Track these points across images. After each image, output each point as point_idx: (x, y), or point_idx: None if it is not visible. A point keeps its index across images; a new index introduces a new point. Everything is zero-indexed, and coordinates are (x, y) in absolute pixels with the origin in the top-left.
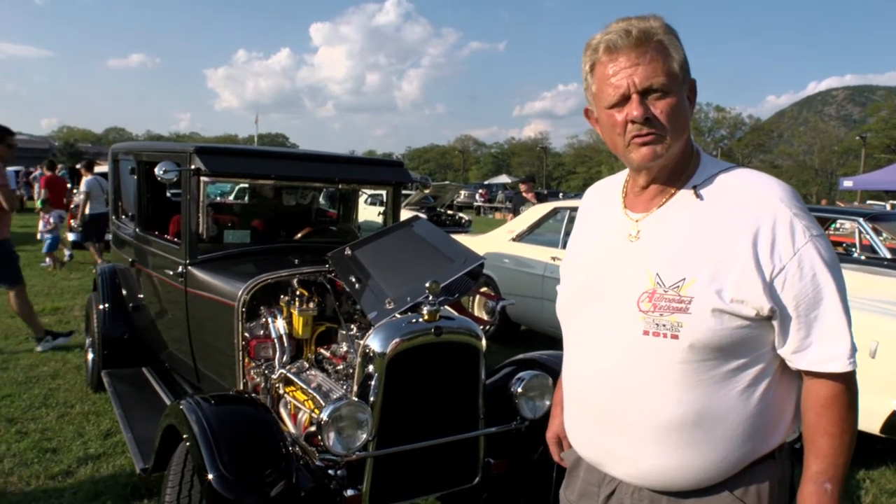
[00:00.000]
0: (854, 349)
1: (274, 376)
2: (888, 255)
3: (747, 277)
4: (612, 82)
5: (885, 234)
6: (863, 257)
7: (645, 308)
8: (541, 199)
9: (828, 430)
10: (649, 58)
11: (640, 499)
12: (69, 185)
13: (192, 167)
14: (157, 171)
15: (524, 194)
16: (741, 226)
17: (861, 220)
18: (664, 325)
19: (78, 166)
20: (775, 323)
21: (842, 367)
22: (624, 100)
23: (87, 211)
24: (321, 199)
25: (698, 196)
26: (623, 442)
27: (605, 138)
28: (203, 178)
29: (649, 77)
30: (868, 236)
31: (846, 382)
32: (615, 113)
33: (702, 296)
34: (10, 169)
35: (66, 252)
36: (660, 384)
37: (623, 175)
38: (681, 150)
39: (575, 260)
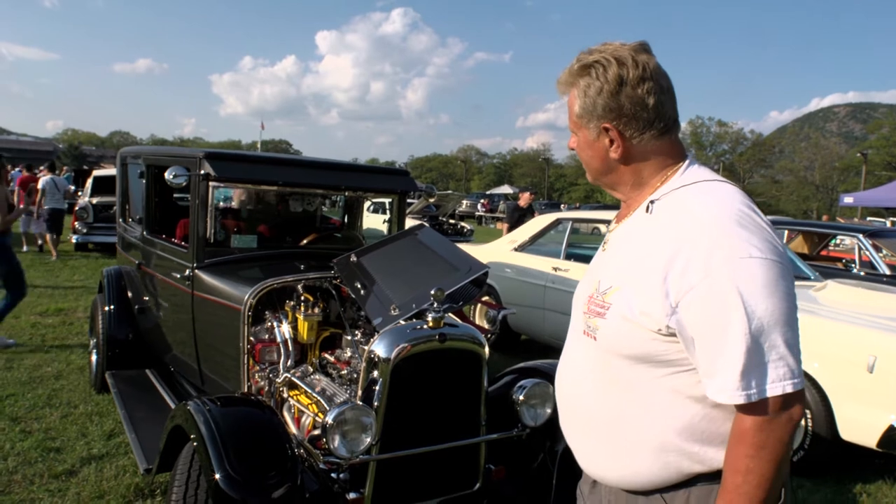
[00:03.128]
0: (751, 382)
1: (278, 380)
2: (887, 272)
3: (653, 293)
4: None
5: (884, 251)
6: (862, 273)
7: (584, 310)
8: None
9: (734, 466)
10: (567, 100)
11: (609, 492)
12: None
13: (202, 172)
14: (168, 175)
15: (521, 204)
16: (666, 242)
17: (861, 236)
18: (590, 327)
19: (41, 168)
20: (681, 344)
21: (728, 398)
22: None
23: (44, 206)
24: (324, 207)
25: (649, 210)
26: (573, 436)
27: None
28: (212, 183)
29: (568, 117)
30: (868, 252)
31: (760, 418)
32: None
33: (616, 304)
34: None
35: (24, 248)
36: (588, 383)
37: None
38: (618, 178)
39: None
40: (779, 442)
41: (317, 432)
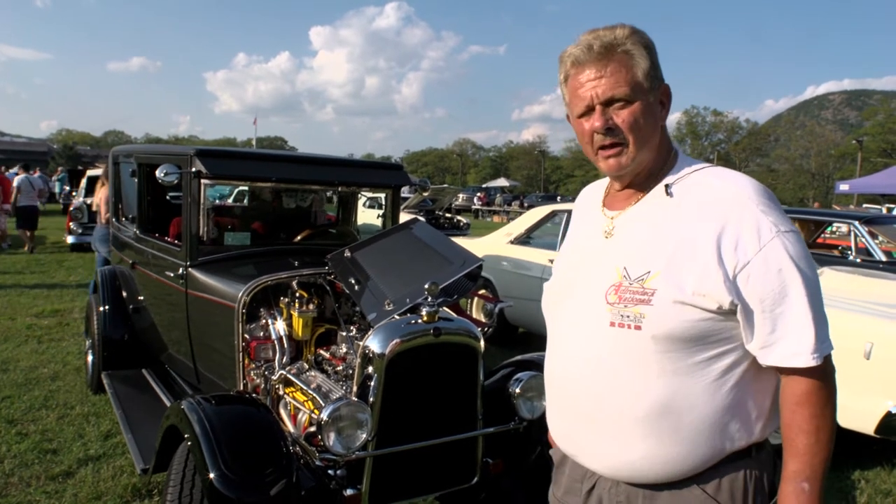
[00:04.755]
0: (822, 344)
1: (274, 377)
2: (883, 258)
3: (709, 271)
4: (579, 94)
5: (880, 238)
6: (858, 260)
7: (612, 300)
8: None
9: (803, 428)
10: (611, 69)
11: (617, 493)
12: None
13: (193, 170)
14: (159, 173)
15: None
16: (707, 221)
17: (856, 223)
18: (628, 317)
19: (15, 169)
20: (740, 318)
21: (805, 361)
22: (590, 110)
23: (18, 203)
24: (320, 202)
25: (669, 193)
26: (594, 434)
27: (580, 144)
28: (203, 181)
29: (611, 88)
30: (864, 239)
31: (820, 378)
32: (584, 122)
33: (664, 288)
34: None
35: (5, 244)
36: (625, 375)
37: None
38: (652, 154)
39: (561, 258)
40: (834, 396)
41: (313, 429)
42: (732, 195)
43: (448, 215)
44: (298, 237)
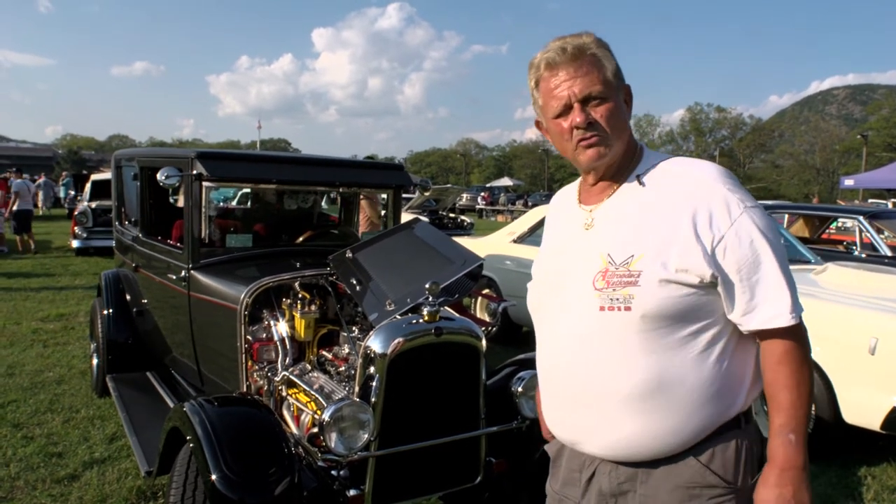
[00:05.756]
0: (797, 305)
1: (277, 379)
2: (888, 253)
3: (689, 248)
4: (555, 94)
5: (886, 232)
6: (863, 255)
7: (599, 286)
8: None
9: (785, 384)
10: (585, 70)
11: (616, 476)
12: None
13: (194, 172)
14: (160, 176)
15: None
16: (681, 203)
17: (861, 218)
18: (617, 299)
19: (7, 173)
20: (721, 289)
21: (786, 321)
22: (567, 109)
23: (15, 207)
24: (324, 205)
25: (641, 183)
26: (590, 416)
27: (556, 145)
28: (205, 183)
29: (587, 87)
30: (869, 234)
31: (796, 337)
32: (561, 122)
33: (649, 268)
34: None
35: (4, 248)
36: (618, 356)
37: (579, 179)
38: (623, 147)
39: (541, 259)
40: (809, 353)
41: (316, 430)
42: (700, 178)
43: (452, 215)
44: (300, 238)
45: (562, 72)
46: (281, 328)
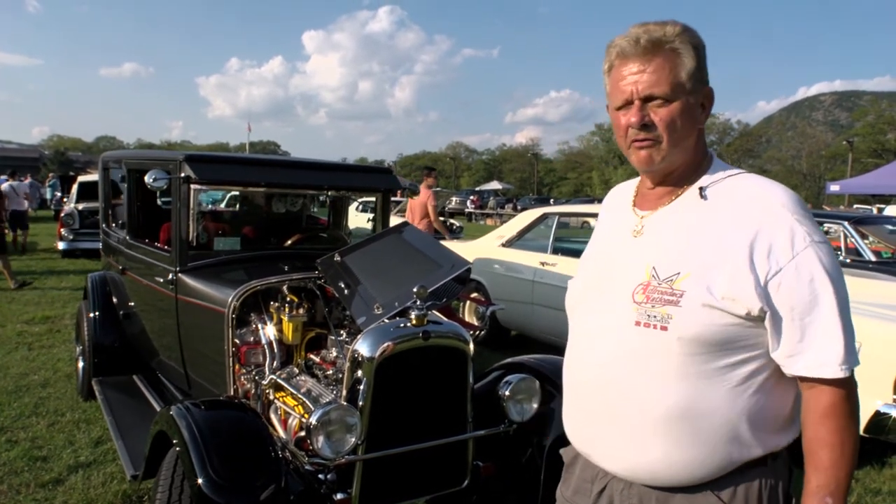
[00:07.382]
0: (850, 356)
1: (264, 382)
2: (872, 258)
3: (740, 276)
4: (620, 86)
5: (870, 238)
6: (848, 260)
7: (639, 299)
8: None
9: (827, 442)
10: (654, 66)
11: (629, 495)
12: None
13: (182, 175)
14: (147, 178)
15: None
16: (741, 226)
17: (846, 223)
18: (655, 317)
19: (4, 176)
20: (768, 325)
21: (833, 372)
22: (628, 104)
23: (7, 209)
24: (314, 208)
25: (703, 196)
26: (612, 434)
27: (616, 138)
28: (193, 186)
29: (652, 86)
30: (853, 239)
31: (845, 391)
32: (621, 115)
33: (693, 290)
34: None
35: None
36: (648, 375)
37: (638, 178)
38: (686, 155)
39: (587, 257)
40: (857, 409)
41: (303, 434)
42: (767, 202)
43: (441, 219)
44: (289, 241)
45: (631, 64)
46: (269, 331)
